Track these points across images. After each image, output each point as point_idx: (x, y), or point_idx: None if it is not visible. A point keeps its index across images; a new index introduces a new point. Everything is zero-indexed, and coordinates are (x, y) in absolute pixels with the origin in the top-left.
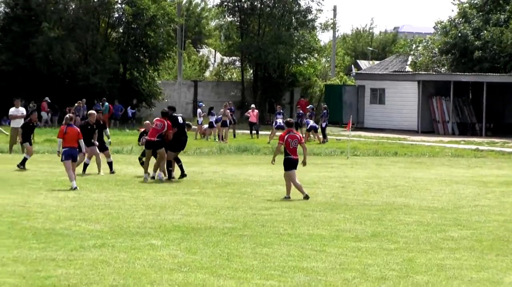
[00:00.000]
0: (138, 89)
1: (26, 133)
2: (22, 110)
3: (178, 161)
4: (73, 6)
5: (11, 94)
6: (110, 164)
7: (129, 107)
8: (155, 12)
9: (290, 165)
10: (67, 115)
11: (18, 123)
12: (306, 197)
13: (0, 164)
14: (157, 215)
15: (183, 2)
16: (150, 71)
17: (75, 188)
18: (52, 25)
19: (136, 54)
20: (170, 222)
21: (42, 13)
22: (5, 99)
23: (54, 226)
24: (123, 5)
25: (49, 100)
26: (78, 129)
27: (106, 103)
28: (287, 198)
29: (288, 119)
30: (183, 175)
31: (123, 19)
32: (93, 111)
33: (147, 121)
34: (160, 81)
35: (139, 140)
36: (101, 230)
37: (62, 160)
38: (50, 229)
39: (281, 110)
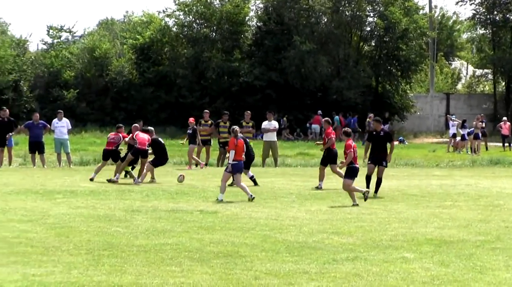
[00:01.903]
0: (390, 102)
1: None
2: (274, 123)
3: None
4: (325, 20)
5: (264, 108)
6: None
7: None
8: (407, 26)
9: (355, 173)
10: (235, 127)
11: (270, 137)
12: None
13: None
14: (410, 228)
15: (435, 15)
16: (403, 84)
17: (221, 200)
18: (304, 39)
19: (389, 67)
20: (423, 235)
21: (294, 27)
22: (258, 113)
23: (307, 239)
24: (375, 19)
25: (321, 113)
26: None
27: (336, 117)
28: (355, 205)
29: (346, 129)
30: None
31: (375, 33)
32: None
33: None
34: (412, 94)
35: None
36: (354, 243)
37: (229, 171)
38: (303, 242)
39: None
